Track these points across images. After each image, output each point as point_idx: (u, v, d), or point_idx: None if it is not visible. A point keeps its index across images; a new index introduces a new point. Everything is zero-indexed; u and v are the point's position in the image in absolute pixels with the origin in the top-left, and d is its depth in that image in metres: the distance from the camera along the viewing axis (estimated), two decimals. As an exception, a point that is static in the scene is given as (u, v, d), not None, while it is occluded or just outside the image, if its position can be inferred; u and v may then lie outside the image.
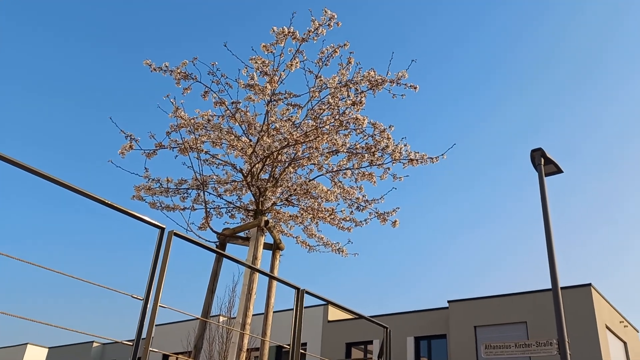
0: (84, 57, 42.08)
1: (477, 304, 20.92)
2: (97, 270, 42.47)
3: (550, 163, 9.14)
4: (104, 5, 41.11)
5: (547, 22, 45.91)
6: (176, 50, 38.79)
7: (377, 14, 44.14)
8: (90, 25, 41.91)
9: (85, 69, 42.05)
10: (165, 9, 41.94)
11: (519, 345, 8.31)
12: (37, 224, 45.60)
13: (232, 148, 6.40)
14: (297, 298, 4.35)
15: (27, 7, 37.81)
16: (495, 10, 43.21)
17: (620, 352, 20.59)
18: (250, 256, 5.89)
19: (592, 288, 19.04)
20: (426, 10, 44.02)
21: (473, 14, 44.21)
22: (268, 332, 6.01)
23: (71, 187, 3.23)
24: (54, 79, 42.80)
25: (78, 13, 40.46)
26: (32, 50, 38.85)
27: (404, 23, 44.78)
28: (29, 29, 38.81)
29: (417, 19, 44.49)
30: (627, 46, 49.74)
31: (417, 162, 6.40)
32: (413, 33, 45.03)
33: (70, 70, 42.42)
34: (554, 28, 46.55)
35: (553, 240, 8.54)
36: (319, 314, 25.13)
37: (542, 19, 44.07)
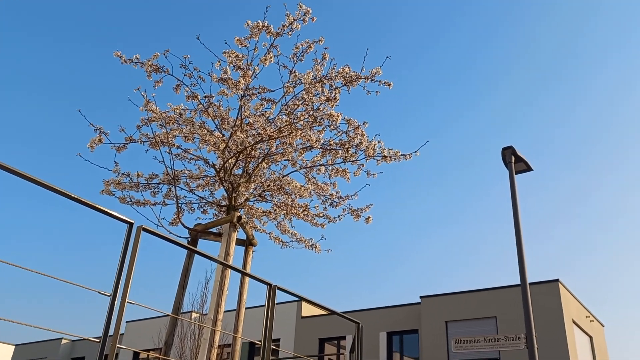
0: (52, 50, 41.10)
1: (449, 300, 21.21)
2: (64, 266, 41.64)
3: (520, 161, 9.29)
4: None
5: (518, 22, 46.66)
6: (148, 42, 38.19)
7: (352, 11, 44.20)
8: (59, 18, 40.94)
9: (54, 62, 41.08)
10: (137, 1, 41.24)
11: (488, 339, 8.45)
12: (0, 219, 44.45)
13: (205, 143, 6.32)
14: (269, 294, 4.33)
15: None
16: (468, 8, 43.70)
17: (586, 346, 21.14)
18: (222, 252, 5.83)
19: (560, 284, 19.49)
20: (400, 8, 44.26)
21: (446, 12, 44.63)
22: (240, 328, 5.97)
23: (36, 181, 3.14)
24: (22, 72, 41.71)
25: (47, 6, 39.49)
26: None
27: (378, 20, 44.95)
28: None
29: (391, 16, 44.71)
30: (595, 45, 50.92)
31: (391, 158, 6.42)
32: (388, 30, 45.27)
33: (39, 63, 41.38)
34: (524, 27, 47.34)
35: (522, 237, 8.69)
36: (292, 309, 25.13)
37: (513, 18, 44.78)
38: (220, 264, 5.39)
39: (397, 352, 22.85)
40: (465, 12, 44.17)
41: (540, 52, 50.27)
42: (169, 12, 42.75)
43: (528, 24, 45.78)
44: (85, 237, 47.77)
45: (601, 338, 23.28)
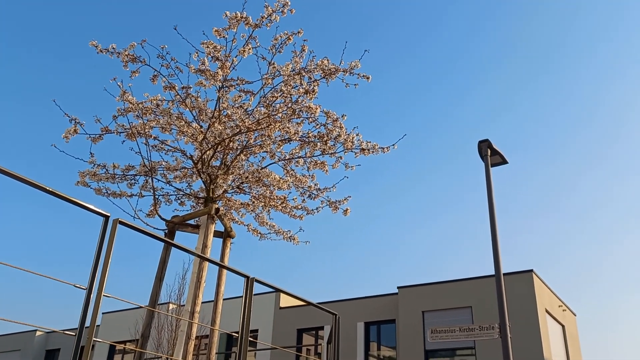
0: (25, 38, 40.12)
1: (425, 290, 21.49)
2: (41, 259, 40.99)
3: (496, 154, 9.43)
4: (49, -20, 39.25)
5: (501, 20, 47.12)
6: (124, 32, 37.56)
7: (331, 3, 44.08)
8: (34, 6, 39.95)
9: (28, 51, 40.13)
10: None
11: (463, 329, 8.60)
12: (-25, 211, 43.50)
13: (182, 134, 6.28)
14: (246, 286, 4.35)
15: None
16: (453, 6, 43.93)
17: (559, 335, 21.66)
18: (200, 244, 5.82)
19: (534, 274, 19.89)
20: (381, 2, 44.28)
21: (430, 9, 44.79)
22: (218, 320, 5.98)
23: (10, 174, 3.09)
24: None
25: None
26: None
27: (359, 13, 44.93)
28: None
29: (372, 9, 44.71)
30: (578, 40, 51.68)
31: (369, 151, 6.46)
32: (368, 24, 45.28)
33: (13, 52, 40.38)
34: (508, 25, 47.85)
35: (497, 228, 8.85)
36: (270, 300, 25.18)
37: (497, 16, 45.17)
38: (198, 257, 5.38)
39: (374, 342, 23.10)
40: (449, 11, 44.42)
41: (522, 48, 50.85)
42: (146, 2, 42.09)
43: (512, 21, 46.27)
44: (60, 230, 47.05)
45: (573, 327, 23.86)
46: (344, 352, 22.21)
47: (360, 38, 45.65)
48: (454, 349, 20.50)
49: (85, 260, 45.63)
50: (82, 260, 53.92)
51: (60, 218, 50.29)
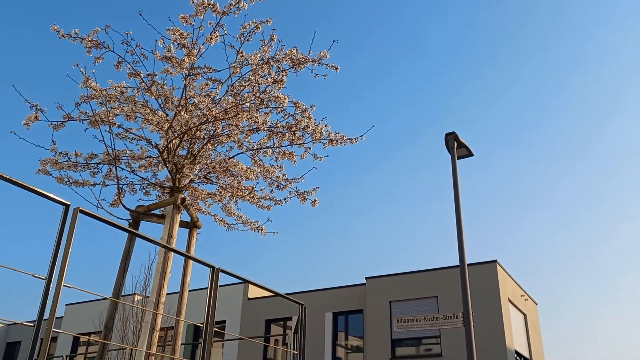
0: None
1: (393, 280, 21.76)
2: (0, 248, 39.80)
3: (462, 146, 9.57)
4: (9, -39, 37.77)
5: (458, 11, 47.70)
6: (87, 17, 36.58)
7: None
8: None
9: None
10: (79, -29, 39.31)
11: (428, 318, 8.75)
12: None
13: (148, 122, 6.16)
14: (212, 277, 4.31)
15: None
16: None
17: (520, 324, 22.26)
18: (165, 234, 5.74)
19: (498, 264, 20.34)
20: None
21: None
22: (183, 310, 5.93)
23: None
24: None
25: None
26: None
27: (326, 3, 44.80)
28: None
29: None
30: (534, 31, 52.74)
31: (337, 142, 6.48)
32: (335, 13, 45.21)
33: (-30, 30, 38.83)
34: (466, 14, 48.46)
35: (462, 220, 9.01)
36: (238, 291, 25.09)
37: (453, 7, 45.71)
38: (163, 247, 5.31)
39: (342, 331, 23.30)
40: None
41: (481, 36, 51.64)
42: (112, -15, 41.01)
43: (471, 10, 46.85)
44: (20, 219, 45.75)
45: (535, 315, 24.55)
46: (311, 342, 22.35)
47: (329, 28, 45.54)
48: (419, 338, 20.85)
49: (48, 251, 44.40)
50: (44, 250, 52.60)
51: (20, 207, 48.87)
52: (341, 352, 23.13)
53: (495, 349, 18.82)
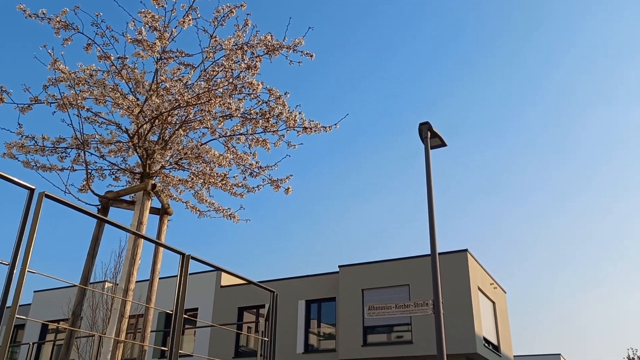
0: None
1: (365, 269, 21.94)
2: (-35, 234, 38.80)
3: (435, 136, 9.66)
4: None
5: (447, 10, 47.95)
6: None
7: (280, -23, 43.38)
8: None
9: (-49, 9, 37.27)
10: (49, -51, 38.15)
11: (399, 306, 8.86)
12: None
13: (118, 106, 6.03)
14: (182, 263, 4.27)
15: None
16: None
17: (489, 311, 22.72)
18: (135, 221, 5.66)
19: (468, 253, 20.69)
20: (330, -22, 44.00)
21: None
22: (153, 298, 5.87)
23: None
24: None
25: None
26: None
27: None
28: None
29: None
30: (516, 32, 53.43)
31: (311, 130, 6.45)
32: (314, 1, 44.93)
33: None
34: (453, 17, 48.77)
35: (434, 209, 9.11)
36: (211, 279, 24.99)
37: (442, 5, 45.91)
38: (132, 233, 5.23)
39: (314, 319, 23.44)
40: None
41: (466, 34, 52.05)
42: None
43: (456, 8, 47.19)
44: (-13, 203, 44.61)
45: (503, 303, 25.09)
46: (284, 330, 22.44)
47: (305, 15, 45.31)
48: (391, 325, 21.12)
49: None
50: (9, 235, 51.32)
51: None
52: (314, 340, 23.29)
53: (464, 335, 19.20)
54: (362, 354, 20.62)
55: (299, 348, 22.44)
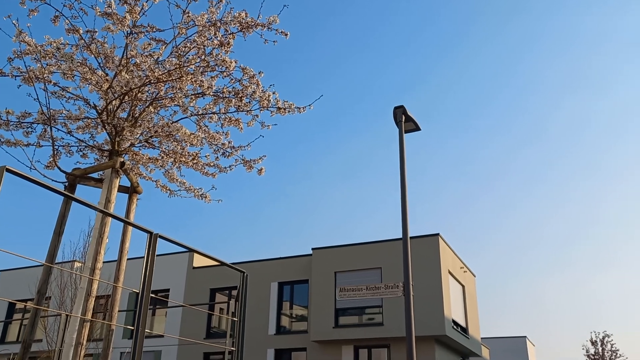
0: None
1: (338, 252, 22.08)
2: None
3: (410, 120, 9.68)
4: None
5: None
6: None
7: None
8: None
9: None
10: None
11: (370, 288, 8.94)
12: None
13: (86, 81, 5.86)
14: (149, 242, 4.21)
15: None
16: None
17: (459, 294, 23.15)
18: (103, 199, 5.55)
19: (440, 237, 20.98)
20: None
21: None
22: (121, 277, 5.79)
23: None
24: None
25: None
26: None
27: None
28: None
29: (299, -34, 43.71)
30: (490, 18, 53.69)
31: (285, 111, 6.39)
32: (294, -20, 44.43)
33: None
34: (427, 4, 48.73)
35: (407, 192, 9.17)
36: (183, 260, 24.84)
37: None
38: (99, 211, 5.13)
39: (287, 301, 23.56)
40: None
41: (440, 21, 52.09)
42: None
43: None
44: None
45: (472, 287, 25.59)
46: (257, 311, 22.50)
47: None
48: (363, 307, 21.37)
49: None
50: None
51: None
52: (286, 321, 23.44)
53: (433, 318, 19.55)
54: (334, 335, 20.85)
55: (270, 329, 22.56)
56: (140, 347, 3.75)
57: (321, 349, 21.46)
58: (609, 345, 41.71)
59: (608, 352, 41.49)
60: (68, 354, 5.08)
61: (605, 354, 41.49)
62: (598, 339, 42.12)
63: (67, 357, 5.08)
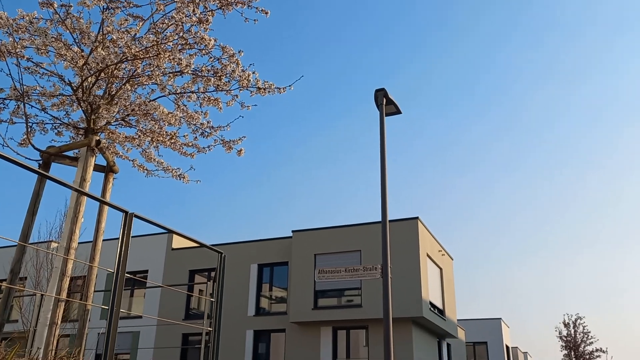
0: None
1: (318, 234, 22.16)
2: None
3: (391, 103, 9.68)
4: None
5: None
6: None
7: None
8: None
9: None
10: None
11: (348, 270, 9.00)
12: None
13: (61, 57, 5.71)
14: (124, 221, 4.16)
15: None
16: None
17: (436, 277, 23.47)
18: (78, 178, 5.46)
19: (419, 221, 21.16)
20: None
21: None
22: (97, 257, 5.72)
23: None
24: None
25: None
26: None
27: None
28: None
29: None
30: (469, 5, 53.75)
31: (265, 91, 6.32)
32: (277, -40, 43.76)
33: None
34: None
35: (387, 175, 9.20)
36: (162, 241, 24.70)
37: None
38: (74, 190, 5.05)
39: (267, 283, 23.63)
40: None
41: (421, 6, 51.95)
42: None
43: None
44: None
45: (450, 270, 25.96)
46: (236, 293, 22.54)
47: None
48: (342, 289, 21.55)
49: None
50: (-49, 194, 49.33)
51: None
52: (265, 303, 23.53)
53: (411, 300, 19.81)
54: (312, 316, 21.01)
55: (250, 311, 22.65)
56: (115, 326, 3.72)
57: (300, 330, 21.64)
58: (581, 327, 42.88)
59: (580, 334, 42.65)
60: (42, 334, 5.03)
61: (577, 336, 42.64)
62: (570, 322, 43.25)
63: (41, 336, 5.03)
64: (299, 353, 21.34)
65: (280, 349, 22.03)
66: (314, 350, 21.17)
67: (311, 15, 51.82)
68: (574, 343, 42.32)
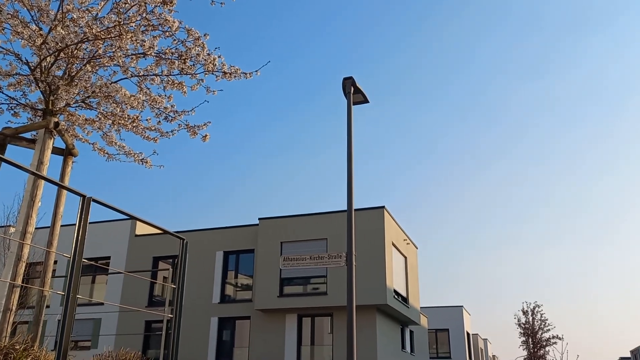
0: None
1: (285, 222, 22.14)
2: None
3: (358, 92, 9.69)
4: None
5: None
6: None
7: None
8: None
9: None
10: None
11: (313, 257, 9.02)
12: None
13: (18, 35, 5.51)
14: (82, 206, 4.06)
15: None
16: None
17: (401, 265, 23.80)
18: (35, 160, 5.30)
19: (385, 210, 21.37)
20: None
21: None
22: (55, 242, 5.59)
23: None
24: None
25: None
26: None
27: None
28: None
29: None
30: None
31: (231, 76, 6.24)
32: (248, -57, 43.03)
33: None
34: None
35: (353, 164, 9.23)
36: (125, 228, 24.27)
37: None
38: (31, 173, 4.89)
39: (232, 270, 23.53)
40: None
41: None
42: None
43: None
44: None
45: (414, 258, 26.35)
46: (201, 280, 22.38)
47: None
48: (308, 277, 21.63)
49: None
50: None
51: None
52: (230, 290, 23.44)
53: (375, 287, 20.05)
54: (278, 304, 21.06)
55: (215, 298, 22.53)
56: (71, 312, 3.65)
57: (265, 318, 21.66)
58: (539, 315, 44.26)
59: (538, 322, 44.03)
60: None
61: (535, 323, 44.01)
62: (529, 309, 44.59)
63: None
64: (263, 340, 21.38)
65: (245, 336, 22.02)
66: (279, 337, 21.24)
67: (297, 9, 51.36)
68: (532, 330, 43.68)
